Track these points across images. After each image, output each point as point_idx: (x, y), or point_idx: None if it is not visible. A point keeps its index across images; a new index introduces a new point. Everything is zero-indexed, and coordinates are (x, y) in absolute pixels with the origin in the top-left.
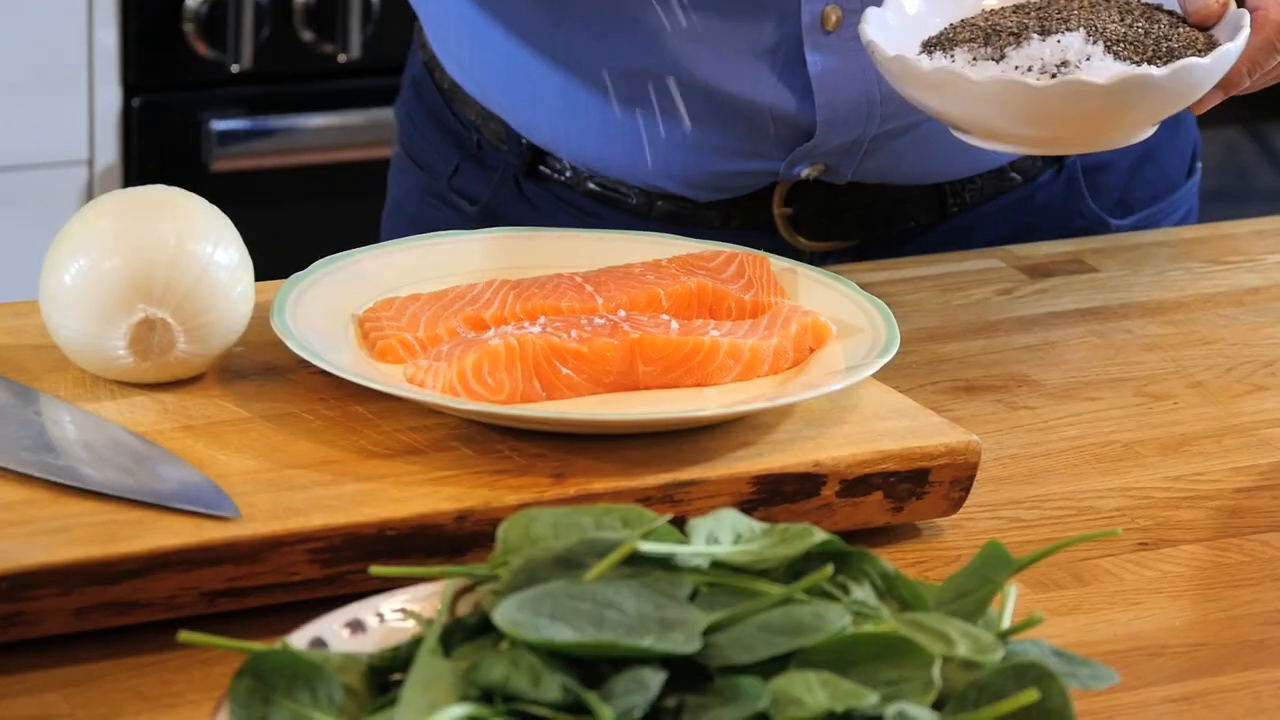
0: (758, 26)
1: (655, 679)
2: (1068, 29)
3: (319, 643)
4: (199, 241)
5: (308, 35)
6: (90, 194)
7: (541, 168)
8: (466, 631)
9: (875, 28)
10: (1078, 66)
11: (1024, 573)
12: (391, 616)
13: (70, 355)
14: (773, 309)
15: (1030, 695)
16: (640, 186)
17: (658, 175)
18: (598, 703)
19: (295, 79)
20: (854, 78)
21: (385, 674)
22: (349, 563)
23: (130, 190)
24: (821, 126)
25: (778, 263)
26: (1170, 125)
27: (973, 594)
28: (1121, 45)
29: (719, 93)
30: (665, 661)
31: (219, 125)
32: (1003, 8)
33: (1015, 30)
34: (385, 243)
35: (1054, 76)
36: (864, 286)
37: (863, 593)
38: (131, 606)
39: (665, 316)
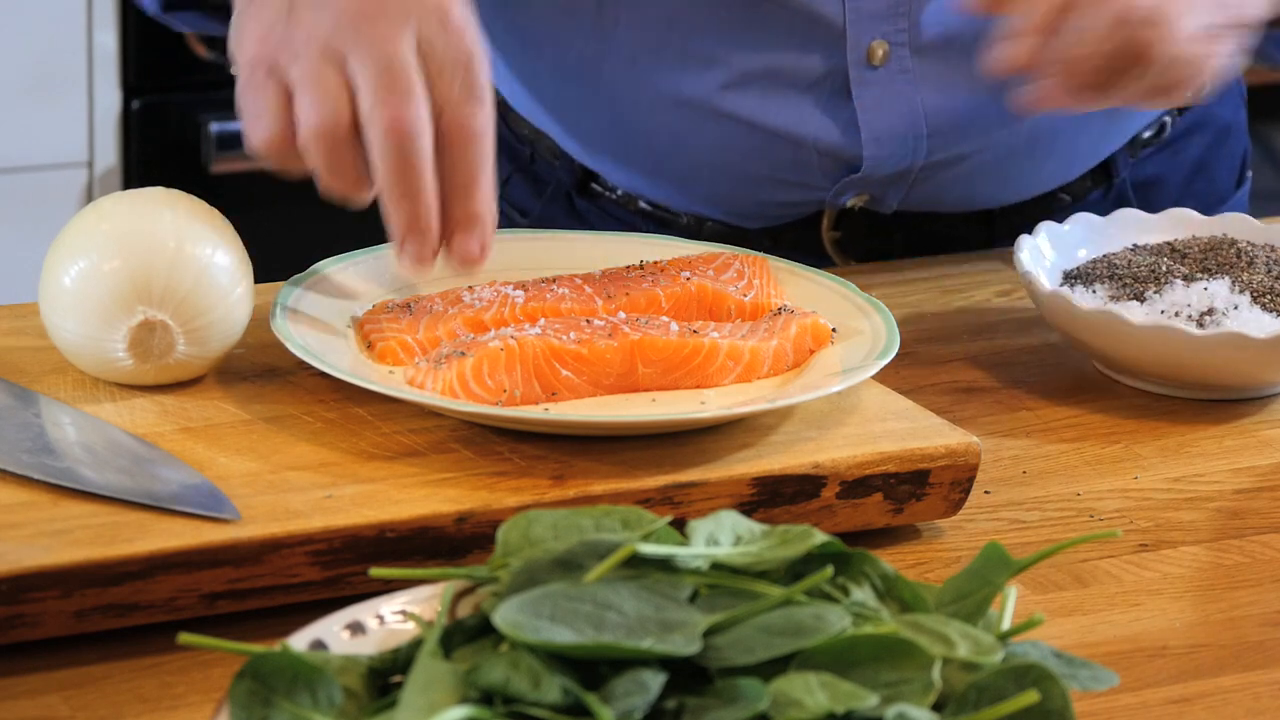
0: (803, 61)
1: (655, 680)
2: (1212, 277)
3: (319, 645)
4: (198, 244)
5: None
6: (90, 196)
7: (594, 185)
8: (466, 633)
9: (1030, 258)
10: (1225, 315)
11: (1024, 574)
12: (391, 618)
13: (70, 357)
14: (773, 310)
15: (1030, 697)
16: (690, 211)
17: (705, 204)
18: (598, 704)
19: None
20: (901, 112)
21: (385, 676)
22: (349, 565)
23: (130, 192)
24: (868, 160)
25: (777, 263)
26: (1220, 133)
27: (973, 595)
28: (1269, 297)
29: (764, 126)
30: (665, 663)
31: (218, 127)
32: (1147, 245)
33: (1158, 276)
34: (385, 244)
35: (1200, 324)
36: (864, 288)
37: (863, 594)
38: (131, 608)
39: (665, 318)
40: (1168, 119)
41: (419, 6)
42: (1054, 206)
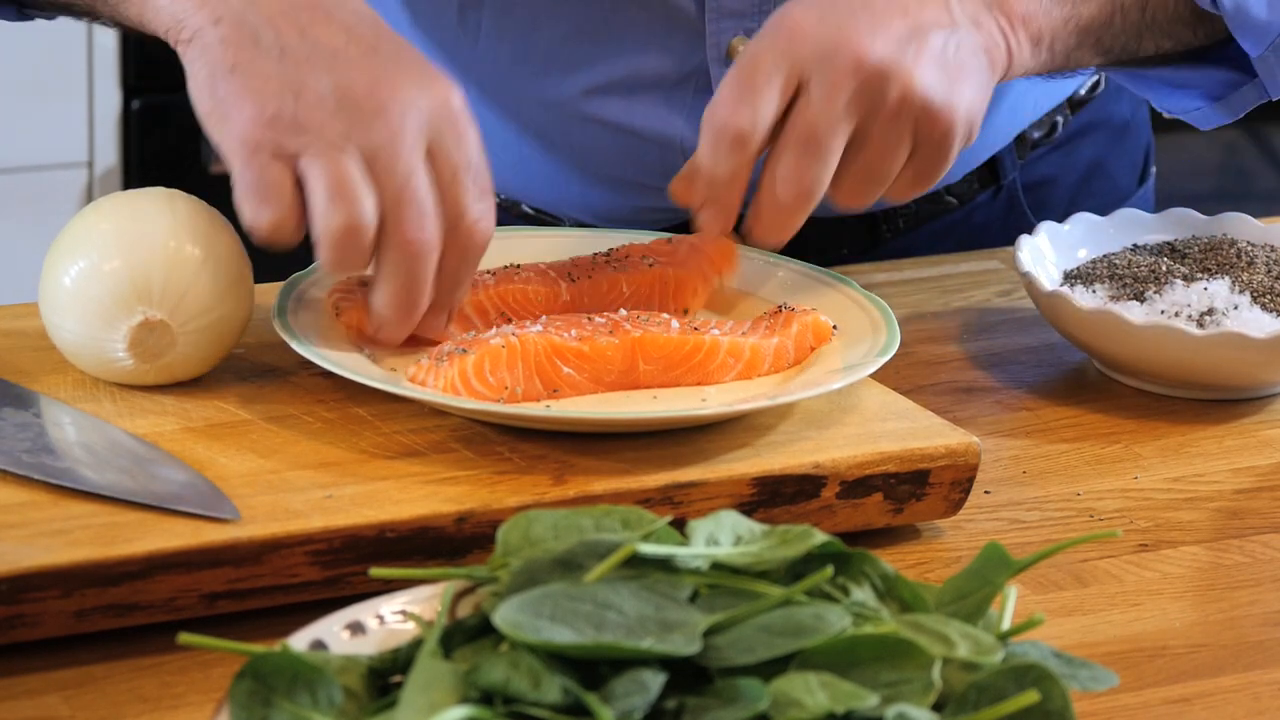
0: (664, 62)
1: (655, 680)
2: (1212, 277)
3: (319, 645)
4: (198, 244)
5: None
6: (90, 196)
7: None
8: (466, 633)
9: (1030, 258)
10: (1225, 315)
11: (1024, 574)
12: (391, 618)
13: (70, 357)
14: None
15: (1030, 697)
16: (572, 218)
17: (579, 210)
18: (598, 704)
19: None
20: None
21: (385, 676)
22: (349, 565)
23: (130, 192)
24: None
25: (781, 262)
26: (1118, 131)
27: (973, 595)
28: (1269, 297)
29: (629, 128)
30: (665, 663)
31: None
32: (1147, 245)
33: (1157, 276)
34: None
35: (1200, 324)
36: (865, 287)
37: (863, 594)
38: (131, 608)
39: (666, 315)
40: (1060, 118)
41: (425, 97)
42: (940, 208)
